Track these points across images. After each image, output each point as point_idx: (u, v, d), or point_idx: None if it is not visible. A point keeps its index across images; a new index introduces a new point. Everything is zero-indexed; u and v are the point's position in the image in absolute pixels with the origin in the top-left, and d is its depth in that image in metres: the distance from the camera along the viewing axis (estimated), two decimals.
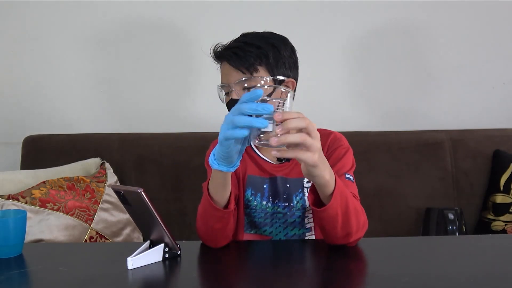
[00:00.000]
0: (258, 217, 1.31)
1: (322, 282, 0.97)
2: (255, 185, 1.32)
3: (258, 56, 1.27)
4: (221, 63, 1.33)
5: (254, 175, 1.33)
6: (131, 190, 1.01)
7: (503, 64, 2.15)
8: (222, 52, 1.31)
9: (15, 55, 2.09)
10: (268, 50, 1.27)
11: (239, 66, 1.26)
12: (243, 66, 1.26)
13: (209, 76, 2.13)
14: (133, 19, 2.08)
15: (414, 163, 1.98)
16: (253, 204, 1.32)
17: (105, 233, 1.75)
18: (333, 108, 2.11)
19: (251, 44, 1.28)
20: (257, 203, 1.32)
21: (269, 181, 1.32)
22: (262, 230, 1.31)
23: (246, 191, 1.33)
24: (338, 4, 2.08)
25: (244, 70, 1.26)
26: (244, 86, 1.27)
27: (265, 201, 1.32)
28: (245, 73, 1.26)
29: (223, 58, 1.30)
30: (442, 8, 2.10)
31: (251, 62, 1.26)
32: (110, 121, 2.12)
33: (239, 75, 1.27)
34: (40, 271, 1.01)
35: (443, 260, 1.05)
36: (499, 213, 1.93)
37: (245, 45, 1.28)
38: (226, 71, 1.30)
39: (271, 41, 1.30)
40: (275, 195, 1.32)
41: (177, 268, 1.02)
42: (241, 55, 1.26)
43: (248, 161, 1.36)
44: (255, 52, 1.27)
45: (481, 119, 2.15)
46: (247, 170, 1.34)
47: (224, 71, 1.31)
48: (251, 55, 1.26)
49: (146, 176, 1.96)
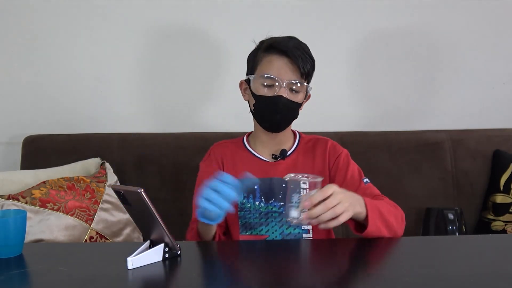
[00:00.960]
0: (253, 218, 1.32)
1: (322, 282, 0.97)
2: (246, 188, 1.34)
3: (312, 65, 1.33)
4: (272, 55, 1.31)
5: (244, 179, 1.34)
6: (131, 190, 1.01)
7: (503, 64, 2.15)
8: (286, 46, 1.29)
9: (15, 55, 2.09)
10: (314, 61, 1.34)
11: (300, 68, 1.29)
12: (304, 69, 1.29)
13: (209, 76, 2.15)
14: (133, 19, 2.08)
15: (414, 163, 1.98)
16: (247, 206, 1.33)
17: (105, 233, 1.75)
18: (333, 108, 2.11)
19: (306, 51, 1.32)
20: (250, 205, 1.34)
21: (259, 182, 1.34)
22: (258, 230, 1.31)
23: None
24: (339, 4, 2.08)
25: (303, 72, 1.29)
26: (293, 88, 1.31)
27: (257, 202, 1.34)
28: (301, 76, 1.30)
29: (285, 53, 1.29)
30: (442, 9, 2.10)
31: (307, 67, 1.30)
32: (110, 121, 2.12)
33: (295, 76, 1.30)
34: (40, 271, 1.01)
35: (443, 260, 1.05)
36: (499, 213, 1.93)
37: (303, 50, 1.31)
38: (282, 66, 1.29)
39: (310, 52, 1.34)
40: (269, 196, 1.33)
41: (177, 268, 1.02)
42: (303, 57, 1.29)
43: (241, 164, 1.38)
44: (309, 59, 1.32)
45: (481, 119, 2.15)
46: (237, 174, 1.35)
47: (278, 65, 1.30)
48: (309, 62, 1.31)
49: (146, 176, 1.96)
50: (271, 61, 1.31)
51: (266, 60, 1.32)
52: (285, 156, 1.37)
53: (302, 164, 1.38)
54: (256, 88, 1.32)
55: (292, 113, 1.35)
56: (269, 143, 1.40)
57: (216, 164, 1.40)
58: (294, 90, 1.31)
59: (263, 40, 1.36)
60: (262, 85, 1.31)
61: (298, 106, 1.34)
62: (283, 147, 1.39)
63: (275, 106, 1.29)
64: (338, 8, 2.09)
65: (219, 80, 2.11)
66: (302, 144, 1.42)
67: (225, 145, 1.45)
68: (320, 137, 1.45)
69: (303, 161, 1.38)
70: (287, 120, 1.35)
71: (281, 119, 1.32)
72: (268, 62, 1.31)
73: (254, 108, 1.35)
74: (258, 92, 1.31)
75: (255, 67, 1.34)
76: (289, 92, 1.30)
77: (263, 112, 1.33)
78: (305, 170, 1.36)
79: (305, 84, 1.32)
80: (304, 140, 1.44)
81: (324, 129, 2.00)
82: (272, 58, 1.31)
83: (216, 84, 2.12)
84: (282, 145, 1.40)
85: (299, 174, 1.12)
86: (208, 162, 1.42)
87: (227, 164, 1.40)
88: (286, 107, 1.30)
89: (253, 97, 1.34)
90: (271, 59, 1.31)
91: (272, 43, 1.32)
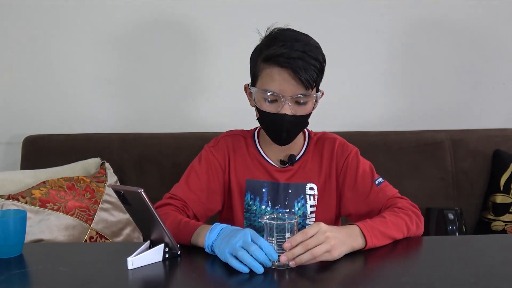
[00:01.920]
0: (258, 221, 1.31)
1: (322, 282, 0.97)
2: (254, 189, 1.31)
3: (318, 70, 1.20)
4: (273, 67, 1.20)
5: (253, 179, 1.32)
6: (131, 190, 1.01)
7: (503, 64, 2.15)
8: (285, 59, 1.17)
9: (15, 55, 2.09)
10: (322, 64, 1.22)
11: (304, 80, 1.17)
12: (307, 81, 1.18)
13: (209, 76, 2.15)
14: (133, 19, 2.08)
15: (414, 163, 1.98)
16: (253, 209, 1.31)
17: (105, 233, 1.75)
18: (333, 108, 2.10)
19: (311, 55, 1.19)
20: (256, 208, 1.31)
21: (268, 185, 1.31)
22: (261, 234, 1.30)
23: (246, 196, 1.32)
24: (339, 4, 2.08)
25: (306, 85, 1.18)
26: (299, 102, 1.21)
27: (264, 205, 1.31)
28: (306, 88, 1.19)
29: (286, 65, 1.18)
30: (442, 8, 2.10)
31: (313, 76, 1.18)
32: (110, 121, 2.12)
33: (299, 90, 1.19)
34: (40, 271, 1.01)
35: (443, 260, 1.05)
36: (499, 213, 1.93)
37: (308, 56, 1.18)
38: (283, 80, 1.19)
39: (321, 53, 1.23)
40: (275, 201, 1.31)
41: (177, 268, 1.02)
42: (307, 67, 1.17)
43: (249, 163, 1.34)
44: (315, 65, 1.19)
45: (481, 119, 2.15)
46: (246, 174, 1.33)
47: (280, 80, 1.19)
48: (314, 69, 1.19)
49: (146, 176, 1.96)
50: (271, 74, 1.20)
51: (266, 73, 1.21)
52: (293, 162, 1.32)
53: (310, 168, 1.32)
54: (259, 102, 1.24)
55: (299, 127, 1.27)
56: (275, 146, 1.32)
57: (221, 156, 1.33)
58: (301, 103, 1.22)
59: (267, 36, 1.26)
60: (264, 100, 1.22)
61: (306, 117, 1.25)
62: (291, 151, 1.33)
63: (279, 125, 1.22)
64: (338, 8, 2.09)
65: (219, 79, 2.11)
66: (311, 145, 1.36)
67: (236, 137, 1.37)
68: (328, 135, 1.38)
69: (310, 164, 1.33)
70: (294, 134, 1.28)
71: (287, 135, 1.25)
72: (269, 75, 1.20)
73: (259, 121, 1.29)
74: (262, 107, 1.23)
75: (256, 78, 1.25)
76: (295, 105, 1.21)
77: (268, 128, 1.27)
78: (313, 175, 1.32)
79: (313, 93, 1.22)
80: (313, 140, 1.36)
81: (324, 129, 1.99)
82: (273, 72, 1.19)
83: (216, 84, 2.11)
84: (291, 149, 1.33)
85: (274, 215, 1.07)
86: (214, 150, 1.34)
87: (233, 160, 1.34)
88: (291, 123, 1.22)
89: (256, 110, 1.28)
90: (271, 73, 1.20)
91: (271, 55, 1.19)
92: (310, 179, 1.32)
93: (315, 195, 1.31)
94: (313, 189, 1.31)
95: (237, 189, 1.32)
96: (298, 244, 0.99)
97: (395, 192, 1.28)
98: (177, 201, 1.26)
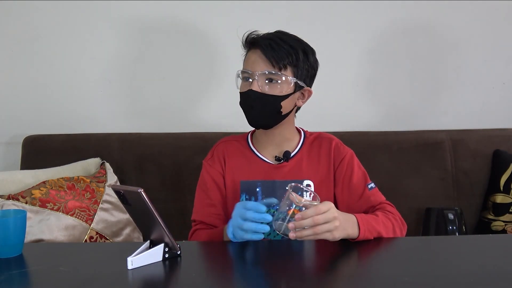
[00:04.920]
0: None
1: (322, 282, 0.98)
2: (248, 190, 1.33)
3: (290, 55, 1.27)
4: (250, 50, 1.32)
5: (246, 180, 1.33)
6: (131, 190, 1.01)
7: (503, 64, 2.15)
8: (257, 39, 1.29)
9: (15, 55, 2.09)
10: (299, 53, 1.29)
11: (270, 58, 1.26)
12: (274, 59, 1.26)
13: (209, 76, 2.15)
14: (133, 19, 2.08)
15: (414, 163, 1.98)
16: None
17: (105, 233, 1.75)
18: (333, 108, 2.11)
19: (286, 41, 1.28)
20: None
21: (262, 184, 1.32)
22: None
23: (241, 196, 1.33)
24: (338, 4, 2.08)
25: (274, 63, 1.26)
26: (269, 78, 1.27)
27: None
28: (274, 66, 1.26)
29: (257, 45, 1.28)
30: (442, 9, 2.10)
31: (282, 57, 1.26)
32: (110, 121, 2.12)
33: (267, 67, 1.26)
34: (40, 271, 1.01)
35: (443, 260, 1.05)
36: (499, 213, 1.93)
37: (280, 41, 1.27)
38: (255, 58, 1.28)
39: (303, 46, 1.31)
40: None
41: (177, 268, 1.02)
42: (275, 47, 1.26)
43: (244, 165, 1.36)
44: (288, 50, 1.27)
45: (481, 119, 2.15)
46: (241, 176, 1.35)
47: (252, 58, 1.29)
48: (284, 52, 1.26)
49: (146, 176, 1.96)
50: (248, 56, 1.32)
51: (246, 57, 1.33)
52: (288, 158, 1.33)
53: (307, 166, 1.34)
54: (238, 84, 1.34)
55: (270, 107, 1.28)
56: (268, 144, 1.36)
57: (218, 164, 1.38)
58: (271, 81, 1.26)
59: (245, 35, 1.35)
60: (241, 80, 1.32)
61: (278, 99, 1.27)
62: (285, 148, 1.35)
63: (247, 100, 1.28)
64: (338, 8, 2.09)
65: (219, 79, 2.11)
66: (306, 144, 1.38)
67: (230, 142, 1.42)
68: (325, 135, 1.40)
69: (307, 163, 1.34)
70: (266, 115, 1.29)
71: (258, 114, 1.28)
72: (247, 58, 1.32)
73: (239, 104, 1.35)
74: (239, 88, 1.32)
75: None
76: (265, 84, 1.27)
77: (242, 107, 1.32)
78: (309, 172, 1.33)
79: (285, 75, 1.26)
80: (309, 139, 1.39)
81: (324, 129, 1.99)
82: (249, 53, 1.31)
83: (216, 84, 2.11)
84: (284, 146, 1.35)
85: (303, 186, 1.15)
86: (211, 162, 1.39)
87: (229, 163, 1.37)
88: (259, 100, 1.26)
89: None
90: (248, 55, 1.32)
91: (246, 38, 1.32)
92: (307, 176, 1.33)
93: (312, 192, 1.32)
94: (310, 186, 1.32)
95: (232, 191, 1.35)
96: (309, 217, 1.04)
97: (384, 199, 1.35)
98: (199, 224, 1.34)
